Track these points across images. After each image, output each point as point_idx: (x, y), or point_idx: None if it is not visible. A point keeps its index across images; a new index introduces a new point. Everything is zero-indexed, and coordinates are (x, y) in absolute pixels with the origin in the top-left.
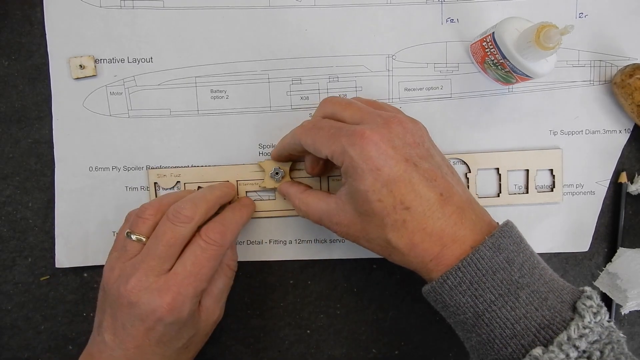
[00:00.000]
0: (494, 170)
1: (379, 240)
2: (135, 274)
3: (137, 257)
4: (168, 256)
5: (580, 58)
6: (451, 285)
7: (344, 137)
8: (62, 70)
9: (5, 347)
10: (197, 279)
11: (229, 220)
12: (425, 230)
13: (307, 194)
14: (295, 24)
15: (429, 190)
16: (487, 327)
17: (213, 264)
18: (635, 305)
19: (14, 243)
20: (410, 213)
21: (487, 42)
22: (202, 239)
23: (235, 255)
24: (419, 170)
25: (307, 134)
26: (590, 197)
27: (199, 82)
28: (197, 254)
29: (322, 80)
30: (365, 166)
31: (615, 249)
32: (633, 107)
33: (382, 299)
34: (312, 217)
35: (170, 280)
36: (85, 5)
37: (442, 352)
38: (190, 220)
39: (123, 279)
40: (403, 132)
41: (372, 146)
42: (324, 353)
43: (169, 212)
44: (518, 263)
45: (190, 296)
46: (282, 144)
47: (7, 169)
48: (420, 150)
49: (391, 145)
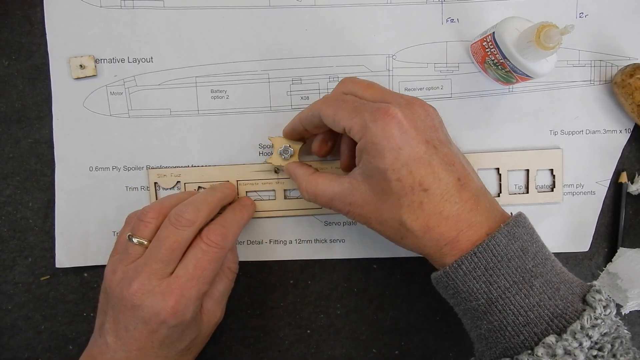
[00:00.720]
0: (494, 170)
1: (393, 222)
2: (138, 277)
3: (140, 260)
4: (171, 260)
5: (581, 58)
6: (465, 271)
7: (367, 111)
8: (62, 70)
9: (5, 347)
10: (200, 282)
11: (229, 222)
12: (441, 214)
13: (317, 175)
14: (295, 24)
15: (447, 174)
16: (500, 314)
17: (215, 266)
18: (635, 305)
19: (14, 243)
20: (427, 195)
21: (487, 42)
22: (204, 241)
23: (236, 258)
24: (439, 153)
25: (329, 105)
26: (590, 197)
27: (199, 82)
28: (199, 256)
29: (322, 80)
30: (386, 144)
31: (615, 249)
32: (633, 107)
33: (382, 299)
34: (322, 199)
35: (173, 284)
36: (85, 5)
37: (442, 352)
38: (192, 223)
39: (126, 282)
40: (425, 114)
41: (394, 124)
42: (324, 353)
43: (171, 216)
44: (532, 252)
45: (193, 299)
46: (298, 117)
47: (7, 169)
48: (439, 134)
49: (414, 126)
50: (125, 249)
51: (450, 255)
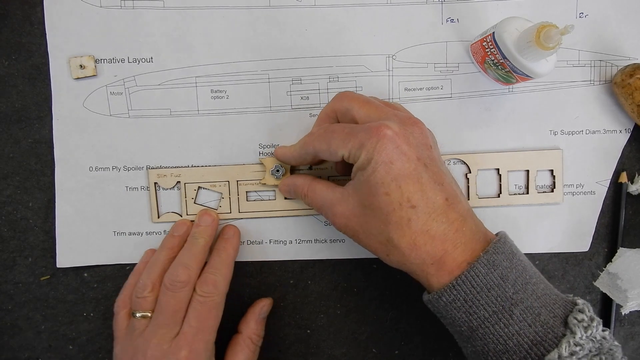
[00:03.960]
0: (494, 171)
1: (380, 237)
2: (149, 345)
3: (147, 331)
4: (175, 322)
5: (580, 58)
6: (446, 302)
7: (361, 132)
8: (62, 70)
9: (5, 347)
10: (205, 332)
11: (217, 267)
12: (429, 232)
13: (317, 182)
14: (295, 24)
15: (436, 193)
16: (481, 341)
17: (215, 313)
18: (635, 305)
19: (14, 243)
20: (415, 212)
21: (487, 42)
22: (199, 294)
23: (259, 331)
24: (429, 171)
25: (320, 140)
26: (590, 197)
27: (199, 82)
28: (198, 309)
29: (322, 80)
30: (379, 158)
31: (615, 249)
32: (633, 107)
33: (382, 299)
34: (315, 204)
35: (181, 341)
36: (85, 5)
37: (442, 352)
38: (187, 284)
39: (139, 354)
40: (419, 131)
41: (388, 140)
42: (324, 353)
43: (166, 282)
44: (512, 279)
45: (201, 350)
46: (290, 155)
47: (7, 169)
48: (431, 153)
49: (406, 142)
50: (132, 326)
51: (436, 276)
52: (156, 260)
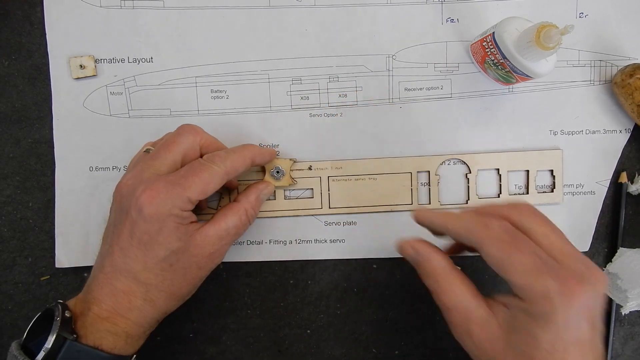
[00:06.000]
0: (494, 171)
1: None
2: (133, 170)
3: (144, 157)
4: (167, 157)
5: (580, 58)
6: None
7: (552, 278)
8: (62, 70)
9: (6, 347)
10: (186, 184)
11: (232, 151)
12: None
13: (456, 277)
14: (295, 24)
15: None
16: None
17: (208, 180)
18: (635, 305)
19: (14, 243)
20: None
21: (487, 42)
22: (202, 157)
23: (257, 206)
24: (594, 339)
25: (498, 245)
26: (590, 197)
27: (199, 82)
28: (195, 166)
29: (322, 80)
30: (560, 318)
31: (615, 249)
32: (633, 107)
33: (382, 299)
34: (442, 300)
35: (160, 178)
36: (85, 5)
37: (442, 352)
38: (194, 141)
39: (123, 178)
40: (601, 291)
41: (577, 303)
42: (324, 353)
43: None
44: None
45: (172, 196)
46: (445, 225)
47: (7, 169)
48: (598, 317)
49: (592, 306)
50: (138, 158)
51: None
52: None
